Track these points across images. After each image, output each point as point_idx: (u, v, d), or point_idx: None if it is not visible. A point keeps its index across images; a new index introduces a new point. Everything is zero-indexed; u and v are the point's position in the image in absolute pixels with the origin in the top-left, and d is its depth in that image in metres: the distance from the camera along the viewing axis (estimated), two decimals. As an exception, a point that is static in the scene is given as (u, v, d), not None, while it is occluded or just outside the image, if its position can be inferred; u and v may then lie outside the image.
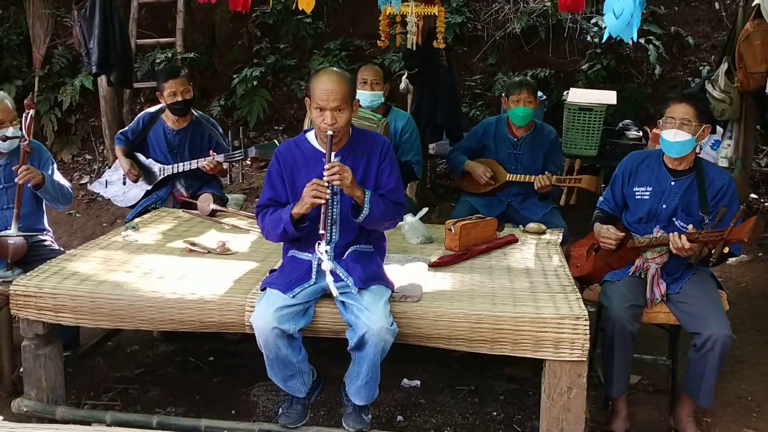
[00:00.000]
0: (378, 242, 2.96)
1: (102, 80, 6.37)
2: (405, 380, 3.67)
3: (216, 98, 7.26)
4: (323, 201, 2.62)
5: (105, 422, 2.87)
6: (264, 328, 2.60)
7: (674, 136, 3.13)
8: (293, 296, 2.68)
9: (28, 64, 7.14)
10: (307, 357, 2.80)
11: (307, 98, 2.81)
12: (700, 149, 3.72)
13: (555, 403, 2.75)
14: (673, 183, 3.23)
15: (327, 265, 2.66)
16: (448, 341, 2.76)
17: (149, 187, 4.41)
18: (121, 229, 3.73)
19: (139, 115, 4.56)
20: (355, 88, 2.91)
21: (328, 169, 2.62)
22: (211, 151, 4.26)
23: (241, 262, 3.31)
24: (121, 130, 4.58)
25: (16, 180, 3.39)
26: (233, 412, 3.38)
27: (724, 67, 5.21)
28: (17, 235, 3.39)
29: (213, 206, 4.07)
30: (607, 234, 3.21)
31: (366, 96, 4.28)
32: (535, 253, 3.50)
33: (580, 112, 5.79)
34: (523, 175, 4.29)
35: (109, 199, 4.69)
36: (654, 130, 6.06)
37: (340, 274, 2.75)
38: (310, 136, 2.90)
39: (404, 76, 6.08)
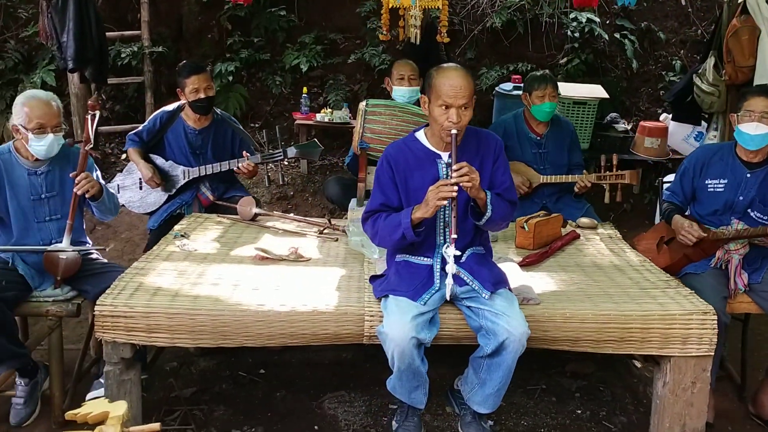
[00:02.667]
0: (487, 243, 2.86)
1: (73, 77, 5.92)
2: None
3: (185, 95, 6.88)
4: (444, 202, 2.49)
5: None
6: (402, 338, 2.46)
7: (755, 129, 3.18)
8: (423, 303, 2.55)
9: (-23, 60, 6.53)
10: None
11: (423, 95, 2.66)
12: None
13: (678, 398, 2.75)
14: (749, 175, 3.28)
15: (451, 268, 2.53)
16: (574, 343, 2.71)
17: (171, 192, 4.11)
18: (170, 239, 3.45)
19: (155, 114, 4.24)
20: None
21: (457, 170, 2.49)
22: (244, 153, 4.01)
23: (324, 268, 3.13)
24: (134, 131, 4.24)
25: (75, 190, 3.06)
26: (316, 427, 3.19)
27: (711, 61, 5.39)
28: (72, 250, 3.05)
29: (256, 210, 3.84)
30: (690, 230, 3.22)
31: (404, 92, 4.16)
32: (608, 249, 3.49)
33: (575, 106, 5.88)
34: (557, 176, 4.21)
35: (123, 205, 4.33)
36: (642, 123, 6.25)
37: (464, 278, 2.64)
38: (420, 135, 2.76)
39: (402, 71, 5.95)
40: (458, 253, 2.53)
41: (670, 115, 6.33)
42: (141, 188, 4.16)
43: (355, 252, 3.37)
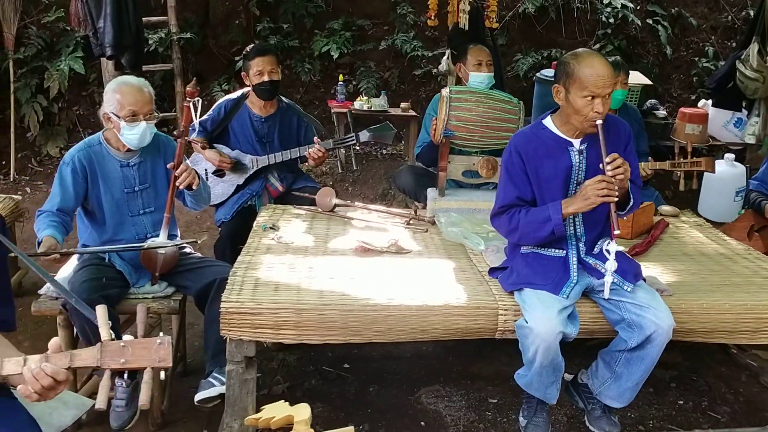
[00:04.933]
0: (610, 234, 2.79)
1: (108, 65, 5.72)
2: (566, 374, 3.53)
3: (213, 82, 6.72)
4: (615, 199, 2.41)
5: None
6: (548, 332, 2.38)
7: None
8: (566, 297, 2.48)
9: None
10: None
11: (557, 85, 2.56)
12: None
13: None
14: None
15: (612, 265, 2.46)
16: (708, 335, 2.65)
17: (240, 182, 3.97)
18: (260, 231, 3.32)
19: (219, 102, 4.09)
20: None
21: (610, 162, 2.41)
22: (316, 139, 3.89)
23: (430, 260, 3.04)
24: (197, 120, 4.08)
25: (176, 183, 2.92)
26: (422, 423, 3.11)
27: (755, 47, 5.38)
28: (173, 245, 2.92)
29: (335, 200, 3.72)
30: None
31: (482, 77, 4.05)
32: (705, 237, 3.45)
33: (618, 93, 5.81)
34: None
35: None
36: (682, 109, 6.22)
37: (602, 270, 2.56)
38: (549, 123, 2.66)
39: (445, 57, 5.85)
40: (620, 248, 2.46)
41: (709, 101, 6.32)
42: (207, 180, 4.02)
43: (453, 243, 3.28)
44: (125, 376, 1.62)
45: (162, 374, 1.63)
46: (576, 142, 2.61)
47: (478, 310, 2.56)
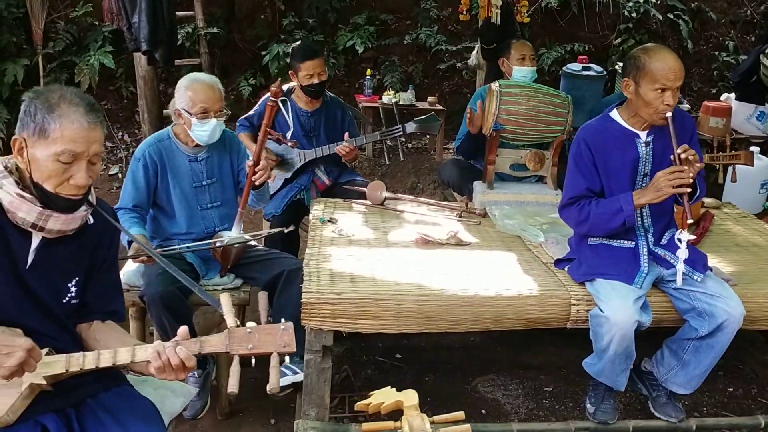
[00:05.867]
0: (675, 225, 2.86)
1: (141, 59, 5.75)
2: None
3: (239, 76, 6.76)
4: (688, 189, 2.48)
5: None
6: (625, 321, 2.45)
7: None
8: (639, 287, 2.55)
9: (27, 41, 6.31)
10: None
11: (627, 79, 2.62)
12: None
13: None
14: None
15: (683, 254, 2.53)
16: (771, 323, 2.72)
17: (287, 176, 4.03)
18: (319, 225, 3.38)
19: (264, 98, 4.09)
20: None
21: (682, 153, 2.48)
22: (346, 134, 3.92)
23: (491, 252, 3.11)
24: (244, 116, 4.14)
25: (253, 179, 2.96)
26: (483, 411, 3.18)
27: (778, 41, 5.44)
28: (251, 237, 2.99)
29: (385, 194, 3.78)
30: None
31: (526, 71, 4.11)
32: (751, 228, 3.51)
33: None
34: None
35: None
36: (706, 103, 6.29)
37: (671, 260, 2.63)
38: (616, 115, 2.73)
39: (474, 51, 5.92)
40: (692, 237, 2.53)
41: (732, 95, 6.39)
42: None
43: (509, 235, 3.34)
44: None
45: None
46: (643, 134, 2.68)
47: (551, 300, 2.63)
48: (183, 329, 1.69)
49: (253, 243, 3.20)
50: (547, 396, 3.31)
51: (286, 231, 3.14)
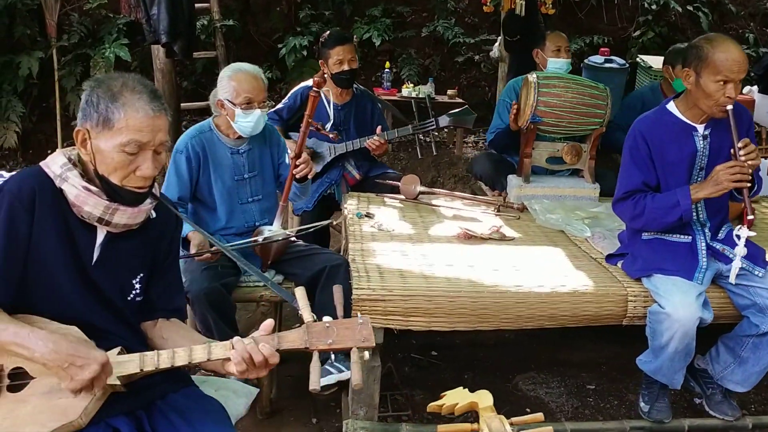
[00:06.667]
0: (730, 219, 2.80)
1: (159, 52, 5.66)
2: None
3: (256, 69, 6.67)
4: (748, 184, 2.42)
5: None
6: (688, 318, 2.39)
7: None
8: (700, 282, 2.48)
9: (41, 34, 6.22)
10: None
11: (687, 69, 2.55)
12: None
13: None
14: None
15: (741, 250, 2.47)
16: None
17: (317, 169, 3.95)
18: (356, 220, 3.31)
19: (294, 90, 4.06)
20: None
21: (743, 147, 2.42)
22: (378, 128, 3.84)
23: (537, 247, 3.05)
24: (273, 109, 4.05)
25: (294, 172, 2.88)
26: (527, 410, 3.11)
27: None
28: (293, 233, 2.92)
29: (420, 188, 3.71)
30: None
31: (562, 63, 4.03)
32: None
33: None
34: None
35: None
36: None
37: (729, 255, 2.57)
38: (672, 108, 2.66)
39: (497, 44, 5.84)
40: (753, 233, 2.47)
41: (755, 87, 6.33)
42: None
43: (552, 230, 3.28)
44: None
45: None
46: (700, 128, 2.61)
47: (607, 296, 2.56)
48: (269, 322, 1.61)
49: (293, 238, 3.13)
50: (591, 394, 3.25)
51: (334, 223, 3.06)
